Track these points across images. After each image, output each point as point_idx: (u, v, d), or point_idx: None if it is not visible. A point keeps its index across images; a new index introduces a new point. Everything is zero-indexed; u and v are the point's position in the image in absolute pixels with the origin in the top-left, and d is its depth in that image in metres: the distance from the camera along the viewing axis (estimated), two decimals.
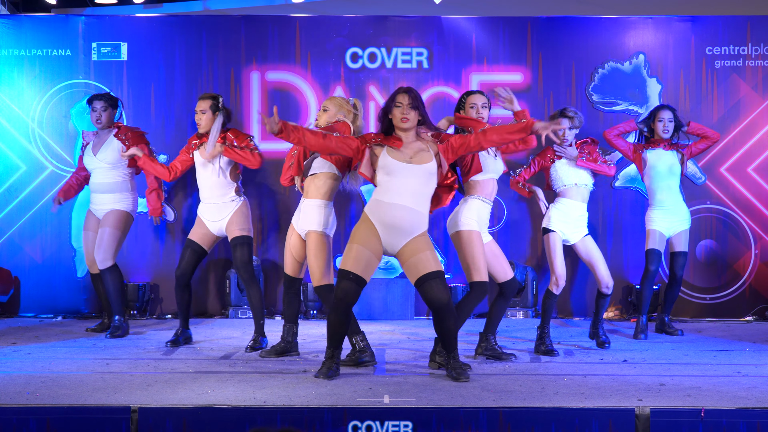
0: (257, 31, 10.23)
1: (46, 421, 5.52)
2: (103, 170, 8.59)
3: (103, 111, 8.58)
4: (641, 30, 10.21)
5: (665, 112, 8.75)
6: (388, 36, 10.21)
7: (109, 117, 8.63)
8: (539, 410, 5.64)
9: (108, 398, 5.91)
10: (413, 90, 6.68)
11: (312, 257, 7.33)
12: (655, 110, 8.85)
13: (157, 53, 10.20)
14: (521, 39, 10.20)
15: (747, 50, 10.08)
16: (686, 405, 5.74)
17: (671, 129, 8.71)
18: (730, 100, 10.07)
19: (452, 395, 6.04)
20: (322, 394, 6.05)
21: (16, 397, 5.93)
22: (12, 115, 10.05)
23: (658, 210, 8.73)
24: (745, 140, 10.01)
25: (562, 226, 7.97)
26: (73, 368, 7.05)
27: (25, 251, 10.06)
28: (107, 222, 8.52)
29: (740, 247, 10.06)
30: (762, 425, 5.53)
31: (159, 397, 5.92)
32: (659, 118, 8.72)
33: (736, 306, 10.01)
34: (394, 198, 6.52)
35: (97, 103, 8.61)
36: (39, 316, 9.99)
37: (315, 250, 7.32)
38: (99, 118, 8.58)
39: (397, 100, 6.59)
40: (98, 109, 8.58)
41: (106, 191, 8.61)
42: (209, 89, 10.10)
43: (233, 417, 5.57)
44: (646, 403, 5.73)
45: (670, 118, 8.71)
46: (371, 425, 5.53)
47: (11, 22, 10.24)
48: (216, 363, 7.34)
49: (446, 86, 10.17)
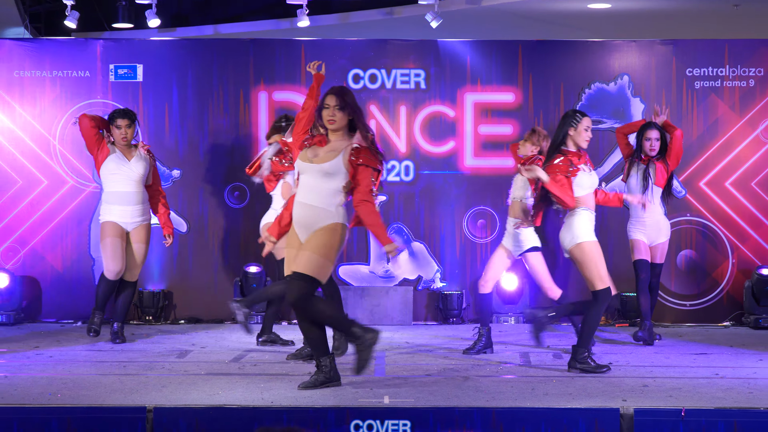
0: (265, 54, 10.26)
1: (67, 421, 5.53)
2: (134, 182, 8.38)
3: (127, 128, 8.39)
4: (625, 52, 10.23)
5: (652, 131, 8.50)
6: (388, 58, 10.23)
7: (133, 133, 8.48)
8: (529, 410, 5.65)
9: (125, 399, 5.92)
10: (344, 91, 6.37)
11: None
12: (643, 128, 8.62)
13: (170, 74, 10.22)
14: (512, 61, 10.22)
15: (725, 72, 10.10)
16: (668, 405, 5.76)
17: (657, 147, 8.45)
18: (708, 119, 10.09)
19: (448, 396, 6.06)
20: (325, 394, 6.06)
21: (39, 397, 5.95)
22: (35, 133, 10.08)
23: (639, 221, 8.53)
24: (722, 156, 10.03)
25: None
26: (92, 370, 7.06)
27: (47, 260, 10.08)
28: (141, 238, 8.43)
29: (718, 256, 10.07)
30: (739, 424, 5.53)
31: (173, 398, 5.93)
32: (646, 136, 8.48)
33: (714, 312, 10.01)
34: (299, 196, 6.34)
35: (120, 120, 8.38)
36: (60, 322, 9.99)
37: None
38: (124, 135, 8.38)
39: (326, 101, 6.32)
40: (123, 126, 8.37)
41: (134, 203, 8.40)
42: (220, 109, 10.13)
43: (242, 416, 5.58)
44: (630, 403, 5.74)
45: (657, 136, 8.46)
46: (372, 424, 5.53)
47: (34, 45, 10.27)
48: (226, 365, 7.35)
49: (442, 105, 10.19)
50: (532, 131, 8.16)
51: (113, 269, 8.35)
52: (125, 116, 8.42)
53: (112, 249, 8.34)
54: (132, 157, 8.42)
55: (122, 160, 8.40)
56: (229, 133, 10.20)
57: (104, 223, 8.44)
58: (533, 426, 5.55)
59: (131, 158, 8.42)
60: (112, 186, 8.42)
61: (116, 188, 8.40)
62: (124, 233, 8.40)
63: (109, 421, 5.54)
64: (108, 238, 8.37)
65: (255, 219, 9.90)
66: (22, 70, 10.13)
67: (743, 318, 9.90)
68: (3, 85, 10.11)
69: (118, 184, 8.39)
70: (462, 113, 10.17)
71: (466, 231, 10.14)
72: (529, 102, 10.17)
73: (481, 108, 10.15)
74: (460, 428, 5.54)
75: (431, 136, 10.15)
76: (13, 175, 10.10)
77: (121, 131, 8.36)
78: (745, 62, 10.08)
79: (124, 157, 8.41)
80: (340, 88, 6.43)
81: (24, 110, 10.10)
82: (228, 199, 10.12)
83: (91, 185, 10.05)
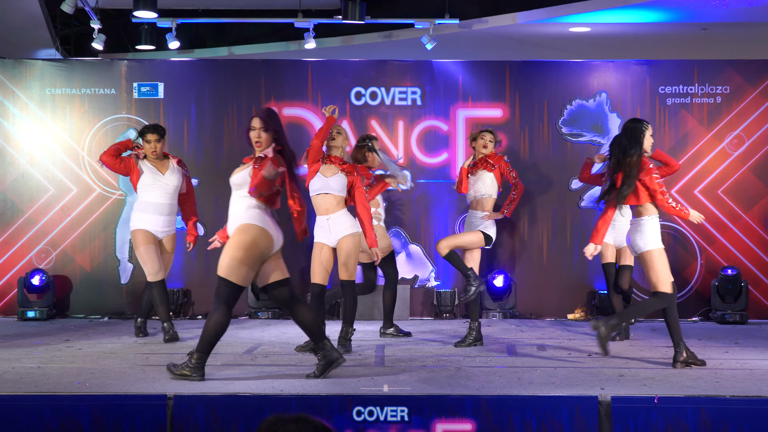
0: (275, 73, 10.28)
1: (94, 408, 5.52)
2: (168, 194, 8.19)
3: (156, 142, 8.17)
4: (603, 72, 10.26)
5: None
6: (387, 77, 10.25)
7: (162, 147, 8.25)
8: (516, 397, 5.64)
9: (147, 387, 5.92)
10: (269, 113, 6.25)
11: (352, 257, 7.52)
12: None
13: (189, 92, 10.25)
14: (500, 80, 10.24)
15: (694, 89, 10.12)
16: (642, 393, 5.76)
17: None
18: (679, 132, 10.11)
19: (442, 385, 6.06)
20: (330, 383, 6.06)
21: (69, 386, 5.95)
22: (65, 145, 10.10)
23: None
24: (692, 166, 10.05)
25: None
26: (118, 362, 7.06)
27: (76, 261, 10.09)
28: (170, 247, 8.28)
29: (688, 258, 10.09)
30: (706, 410, 5.53)
31: (191, 387, 5.93)
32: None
33: (684, 308, 9.99)
34: None
35: (150, 135, 8.18)
36: (88, 317, 10.00)
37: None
38: (154, 149, 8.15)
39: (252, 124, 6.26)
40: (152, 141, 8.16)
41: (167, 213, 8.19)
42: (234, 123, 10.15)
43: (254, 404, 5.58)
44: (608, 392, 5.74)
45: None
46: (372, 410, 5.52)
47: (64, 65, 10.29)
48: (239, 357, 7.35)
49: (437, 120, 10.21)
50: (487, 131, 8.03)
51: (152, 271, 8.12)
52: (155, 131, 8.22)
53: (147, 254, 8.10)
54: (166, 170, 8.22)
55: (156, 173, 8.19)
56: (242, 146, 10.11)
57: (136, 231, 8.17)
58: (519, 412, 5.54)
59: (165, 171, 8.22)
60: (146, 197, 8.18)
61: (151, 199, 8.16)
62: (156, 239, 8.18)
63: (132, 408, 5.54)
64: (142, 247, 8.12)
65: None
66: (53, 88, 10.16)
67: (710, 314, 9.92)
68: (36, 102, 10.13)
69: (153, 195, 8.16)
70: (454, 127, 10.19)
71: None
72: (515, 117, 10.19)
73: (472, 122, 10.17)
74: (453, 414, 5.54)
75: (426, 148, 10.17)
76: (46, 183, 10.12)
77: (151, 145, 8.16)
78: (712, 81, 10.10)
79: (158, 171, 8.20)
80: (265, 111, 6.30)
81: (55, 124, 10.13)
82: None
83: (116, 193, 10.08)
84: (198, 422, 5.52)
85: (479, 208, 7.86)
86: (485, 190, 7.87)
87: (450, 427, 5.55)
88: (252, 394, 5.68)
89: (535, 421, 5.53)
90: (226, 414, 5.53)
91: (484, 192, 7.87)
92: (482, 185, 7.87)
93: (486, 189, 7.87)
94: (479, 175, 7.88)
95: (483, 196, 7.86)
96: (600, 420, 5.53)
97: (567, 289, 10.12)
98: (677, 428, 5.52)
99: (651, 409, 5.55)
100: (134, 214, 8.23)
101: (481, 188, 7.87)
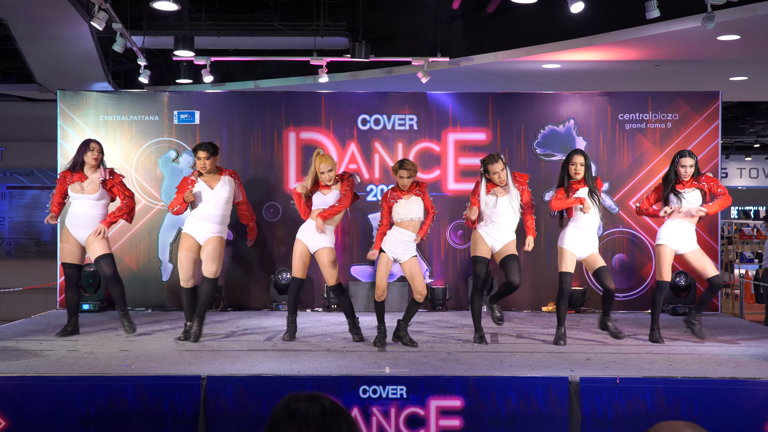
0: (294, 103, 10.24)
1: (138, 387, 5.50)
2: (220, 206, 7.52)
3: (206, 159, 7.43)
4: (571, 102, 10.21)
5: (577, 156, 7.38)
6: (388, 106, 10.22)
7: (212, 164, 7.53)
8: (498, 378, 5.61)
9: (184, 369, 5.88)
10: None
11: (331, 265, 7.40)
12: (569, 155, 7.43)
13: (221, 119, 10.21)
14: (484, 108, 10.20)
15: (648, 116, 10.07)
16: (606, 374, 5.72)
17: (582, 171, 7.32)
18: (635, 153, 10.06)
19: (435, 367, 6.01)
20: (340, 366, 6.02)
21: (117, 368, 5.91)
22: (116, 163, 10.04)
23: (575, 230, 7.35)
24: (647, 181, 9.99)
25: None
26: (159, 347, 7.02)
27: (125, 261, 10.04)
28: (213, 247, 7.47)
29: (644, 259, 10.02)
30: (662, 389, 5.51)
31: (221, 368, 5.89)
32: (572, 161, 7.35)
33: (641, 302, 9.97)
34: None
35: (201, 153, 7.46)
36: (134, 309, 9.95)
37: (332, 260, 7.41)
38: (203, 165, 7.44)
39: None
40: (202, 158, 7.45)
41: (214, 222, 7.50)
42: (259, 145, 10.11)
43: (275, 383, 5.55)
44: (577, 373, 5.71)
45: (581, 162, 7.35)
46: (376, 389, 5.50)
47: (115, 96, 10.26)
48: (262, 343, 7.31)
49: (430, 142, 10.17)
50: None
51: (184, 278, 7.52)
52: (204, 149, 7.47)
53: (183, 260, 7.49)
54: (215, 184, 7.54)
55: (206, 189, 7.53)
56: (266, 164, 10.17)
57: (183, 234, 7.56)
58: (501, 390, 5.52)
59: (215, 185, 7.54)
60: (202, 206, 7.52)
61: (204, 209, 7.49)
62: (197, 246, 7.50)
63: (171, 386, 5.51)
64: (182, 252, 7.49)
65: (285, 230, 9.88)
66: (106, 115, 10.12)
67: (663, 306, 9.85)
68: (91, 127, 10.09)
69: (206, 205, 7.48)
70: (445, 148, 10.14)
71: (449, 239, 10.10)
72: (497, 140, 10.15)
73: (460, 144, 10.12)
74: (445, 392, 5.52)
75: (422, 166, 10.12)
76: None
77: (201, 162, 7.47)
78: (663, 109, 10.06)
79: (208, 187, 7.53)
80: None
81: (107, 146, 10.07)
82: (265, 214, 10.09)
83: (158, 204, 10.02)
84: (227, 399, 5.49)
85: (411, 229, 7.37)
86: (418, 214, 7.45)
87: (442, 403, 5.52)
88: (273, 374, 5.65)
89: (515, 398, 5.50)
90: (251, 391, 5.50)
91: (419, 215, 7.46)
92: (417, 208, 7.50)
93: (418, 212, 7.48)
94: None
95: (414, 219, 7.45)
96: (570, 397, 5.49)
97: (541, 284, 10.06)
98: (636, 404, 5.49)
99: (614, 388, 5.52)
100: (188, 219, 7.64)
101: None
